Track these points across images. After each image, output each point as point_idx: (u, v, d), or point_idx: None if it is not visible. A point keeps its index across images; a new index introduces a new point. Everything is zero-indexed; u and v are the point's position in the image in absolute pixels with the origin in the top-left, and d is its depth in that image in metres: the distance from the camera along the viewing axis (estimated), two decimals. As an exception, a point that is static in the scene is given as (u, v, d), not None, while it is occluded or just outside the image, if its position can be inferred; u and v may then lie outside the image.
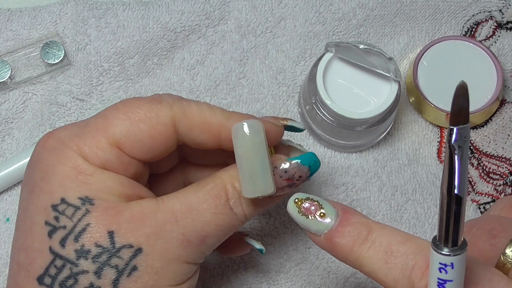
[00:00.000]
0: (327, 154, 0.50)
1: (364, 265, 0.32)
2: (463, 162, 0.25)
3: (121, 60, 0.50)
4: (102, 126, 0.35)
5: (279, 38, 0.51)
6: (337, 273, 0.47)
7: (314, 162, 0.36)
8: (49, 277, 0.33)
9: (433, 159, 0.50)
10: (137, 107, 0.35)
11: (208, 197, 0.35)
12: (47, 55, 0.49)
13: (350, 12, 0.52)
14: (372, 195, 0.49)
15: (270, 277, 0.47)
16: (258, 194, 0.33)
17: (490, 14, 0.52)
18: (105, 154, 0.34)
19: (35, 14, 0.51)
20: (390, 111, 0.46)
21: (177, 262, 0.34)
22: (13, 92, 0.50)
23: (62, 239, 0.33)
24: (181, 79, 0.51)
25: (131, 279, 0.33)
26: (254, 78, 0.51)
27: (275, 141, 0.37)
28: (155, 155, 0.36)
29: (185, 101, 0.36)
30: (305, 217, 0.33)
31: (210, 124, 0.35)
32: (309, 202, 0.33)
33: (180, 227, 0.34)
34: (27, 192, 0.35)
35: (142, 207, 0.34)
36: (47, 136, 0.35)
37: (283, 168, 0.35)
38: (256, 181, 0.33)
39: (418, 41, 0.52)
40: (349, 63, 0.46)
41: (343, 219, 0.32)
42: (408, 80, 0.51)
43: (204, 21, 0.51)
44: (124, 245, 0.33)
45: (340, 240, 0.32)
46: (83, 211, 0.33)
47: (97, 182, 0.34)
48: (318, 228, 0.33)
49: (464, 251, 0.27)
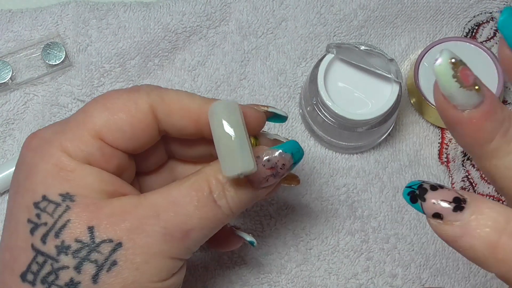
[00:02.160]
0: (328, 155, 0.50)
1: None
2: None
3: (122, 61, 0.50)
4: (83, 119, 0.35)
5: (280, 39, 0.51)
6: (338, 274, 0.47)
7: (296, 150, 0.35)
8: (31, 273, 0.33)
9: (434, 160, 0.50)
10: (115, 98, 0.35)
11: (191, 190, 0.34)
12: (48, 56, 0.50)
13: (351, 13, 0.52)
14: (373, 196, 0.49)
15: (271, 278, 0.47)
16: (238, 171, 0.32)
17: (491, 15, 0.52)
18: (88, 147, 0.34)
19: (36, 15, 0.51)
20: (391, 113, 0.46)
21: (159, 257, 0.34)
22: (14, 93, 0.50)
23: (43, 235, 0.33)
24: (182, 80, 0.51)
25: (111, 274, 0.33)
26: (255, 79, 0.51)
27: (257, 127, 0.37)
28: (138, 144, 0.36)
29: (163, 89, 0.36)
30: (458, 86, 0.28)
31: (188, 109, 0.35)
32: (468, 71, 0.28)
33: (161, 221, 0.33)
34: (13, 193, 0.35)
35: (123, 202, 0.34)
36: (31, 137, 0.36)
37: (265, 157, 0.34)
38: (234, 158, 0.32)
39: (419, 42, 0.52)
40: (350, 64, 0.46)
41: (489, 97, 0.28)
42: (409, 81, 0.51)
43: (205, 22, 0.51)
44: (104, 239, 0.33)
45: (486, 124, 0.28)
46: (64, 208, 0.33)
47: (77, 178, 0.34)
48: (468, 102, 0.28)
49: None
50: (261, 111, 0.37)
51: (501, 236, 0.26)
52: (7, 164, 0.48)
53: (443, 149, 0.50)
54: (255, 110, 0.37)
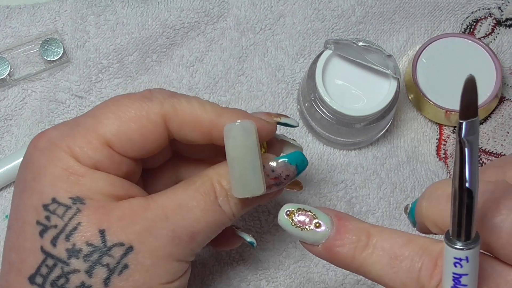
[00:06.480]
0: (326, 151, 0.50)
1: (369, 272, 0.31)
2: (473, 156, 0.25)
3: (120, 57, 0.50)
4: (92, 126, 0.34)
5: (278, 35, 0.51)
6: (336, 270, 0.47)
7: (301, 161, 0.36)
8: (41, 276, 0.33)
9: (432, 156, 0.50)
10: (127, 106, 0.35)
11: (197, 194, 0.34)
12: (46, 52, 0.49)
13: (349, 9, 0.52)
14: (371, 192, 0.49)
15: (269, 274, 0.47)
16: (248, 194, 0.33)
17: (489, 11, 0.52)
18: (97, 154, 0.34)
19: (34, 11, 0.51)
20: (389, 109, 0.46)
21: (168, 259, 0.34)
22: (12, 89, 0.50)
23: (53, 238, 0.33)
24: (180, 76, 0.51)
25: (122, 277, 0.33)
26: (253, 75, 0.51)
27: (267, 138, 0.37)
28: (147, 152, 0.36)
29: (175, 98, 0.35)
30: (300, 229, 0.32)
31: (201, 122, 0.35)
32: (302, 213, 0.32)
33: (170, 224, 0.34)
34: (19, 191, 0.35)
35: (132, 204, 0.34)
36: (38, 136, 0.35)
37: (270, 167, 0.35)
38: (246, 182, 0.33)
39: (417, 38, 0.52)
40: (348, 60, 0.46)
41: (340, 226, 0.31)
42: (407, 77, 0.51)
43: (203, 18, 0.51)
44: (116, 243, 0.33)
45: (341, 249, 0.31)
46: (74, 210, 0.33)
47: (88, 182, 0.34)
48: (315, 239, 0.31)
49: (478, 244, 0.27)
50: (273, 123, 0.37)
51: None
52: (5, 160, 0.47)
53: (441, 145, 0.50)
54: (267, 123, 0.37)
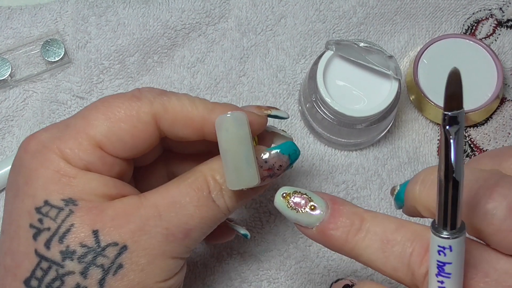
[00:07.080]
0: (327, 152, 0.50)
1: (360, 255, 0.31)
2: (459, 147, 0.26)
3: (121, 58, 0.50)
4: (83, 127, 0.34)
5: (279, 36, 0.51)
6: (337, 271, 0.47)
7: (293, 151, 0.36)
8: (36, 279, 0.33)
9: (433, 157, 0.50)
10: (116, 106, 0.34)
11: (190, 190, 0.34)
12: (48, 53, 0.49)
13: (350, 10, 0.52)
14: (373, 193, 0.49)
15: (270, 275, 0.47)
16: (243, 186, 0.33)
17: (491, 12, 0.52)
18: (88, 156, 0.34)
19: (35, 12, 0.51)
20: (390, 109, 0.46)
21: (162, 257, 0.34)
22: (13, 90, 0.50)
23: (47, 241, 0.33)
24: (181, 77, 0.51)
25: (117, 277, 0.33)
26: (255, 76, 0.51)
27: (258, 131, 0.37)
28: (138, 152, 0.36)
29: (165, 96, 0.35)
30: (295, 211, 0.32)
31: (192, 119, 0.35)
32: (298, 196, 0.32)
33: (164, 222, 0.34)
34: (11, 196, 0.35)
35: (124, 204, 0.34)
36: (28, 139, 0.35)
37: (263, 158, 0.35)
38: (241, 173, 0.33)
39: (418, 39, 0.52)
40: (350, 61, 0.46)
41: (334, 210, 0.32)
42: (409, 78, 0.51)
43: (205, 19, 0.51)
44: (109, 243, 0.33)
45: (334, 232, 0.32)
46: (67, 212, 0.33)
47: (80, 184, 0.34)
48: (309, 221, 0.32)
49: (463, 234, 0.27)
50: (263, 116, 0.37)
51: None
52: (6, 161, 0.48)
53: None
54: (258, 116, 0.37)
